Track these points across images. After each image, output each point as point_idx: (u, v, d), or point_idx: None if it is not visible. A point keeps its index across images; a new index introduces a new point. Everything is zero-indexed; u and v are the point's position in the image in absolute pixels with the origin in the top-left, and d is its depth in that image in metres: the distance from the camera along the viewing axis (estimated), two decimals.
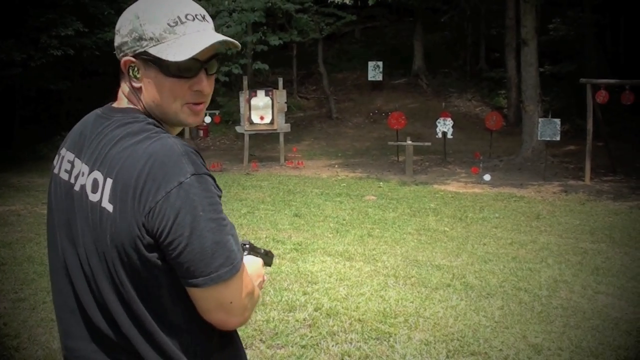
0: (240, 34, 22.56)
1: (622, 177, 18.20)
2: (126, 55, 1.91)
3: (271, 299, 6.63)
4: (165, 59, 1.84)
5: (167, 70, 1.87)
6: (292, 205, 12.76)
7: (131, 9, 1.92)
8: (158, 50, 1.86)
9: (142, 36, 1.87)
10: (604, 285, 8.01)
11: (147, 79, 1.90)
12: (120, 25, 1.92)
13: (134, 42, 1.88)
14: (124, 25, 1.91)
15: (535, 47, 20.64)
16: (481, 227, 11.50)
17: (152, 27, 1.87)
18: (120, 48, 1.92)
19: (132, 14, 1.90)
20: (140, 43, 1.88)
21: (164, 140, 1.80)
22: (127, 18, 1.91)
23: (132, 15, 1.90)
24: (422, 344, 5.59)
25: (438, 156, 20.81)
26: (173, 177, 1.72)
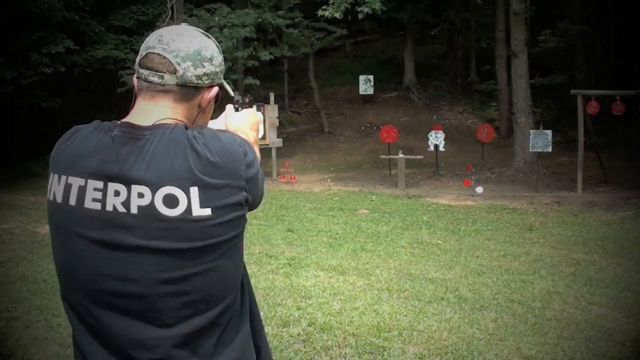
0: (231, 50, 22.57)
1: (614, 188, 18.25)
2: (214, 83, 2.13)
3: (265, 314, 6.61)
4: (230, 92, 2.30)
5: (217, 100, 2.19)
6: (285, 220, 12.76)
7: (210, 41, 2.13)
8: (225, 85, 2.24)
9: (223, 70, 2.16)
10: (597, 296, 8.02)
11: (210, 106, 2.18)
12: (211, 55, 2.09)
13: (221, 74, 2.15)
14: (214, 56, 2.10)
15: (525, 59, 20.74)
16: (474, 240, 11.51)
17: (224, 64, 2.17)
18: (209, 76, 2.09)
19: (216, 46, 2.13)
20: (221, 75, 2.16)
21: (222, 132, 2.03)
22: (215, 49, 2.12)
23: (215, 47, 2.13)
24: (416, 358, 5.59)
25: (430, 169, 20.82)
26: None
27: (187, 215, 1.84)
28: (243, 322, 2.09)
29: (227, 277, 1.97)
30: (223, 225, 1.90)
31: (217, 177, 1.87)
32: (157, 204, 1.84)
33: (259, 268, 8.65)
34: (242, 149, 1.95)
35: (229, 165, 1.90)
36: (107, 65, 21.52)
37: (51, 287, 7.64)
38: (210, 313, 1.93)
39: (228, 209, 1.90)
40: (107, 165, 1.88)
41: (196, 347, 1.93)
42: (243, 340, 2.07)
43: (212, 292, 1.93)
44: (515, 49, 20.88)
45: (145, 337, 1.89)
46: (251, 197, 2.00)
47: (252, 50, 23.59)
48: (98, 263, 1.89)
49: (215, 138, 1.92)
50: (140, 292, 1.87)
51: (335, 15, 22.08)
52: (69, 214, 1.92)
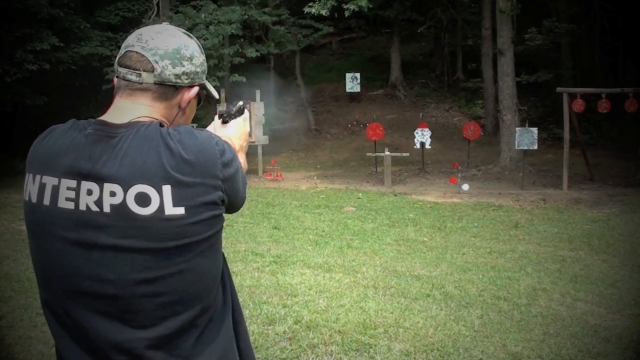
0: (217, 47, 22.52)
1: (600, 185, 18.34)
2: (194, 83, 2.10)
3: (250, 313, 6.58)
4: (213, 95, 2.24)
5: (199, 101, 2.20)
6: (271, 218, 12.73)
7: (191, 40, 2.11)
8: (208, 86, 2.21)
9: (205, 71, 2.15)
10: (583, 292, 8.04)
11: (191, 107, 2.15)
12: (191, 54, 2.08)
13: (202, 74, 2.13)
14: (195, 55, 2.09)
15: (511, 57, 20.78)
16: (460, 237, 11.52)
17: (206, 65, 2.17)
18: (189, 75, 2.06)
19: (197, 46, 2.12)
20: (203, 76, 2.14)
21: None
22: (195, 49, 2.10)
23: (197, 47, 2.12)
24: (403, 355, 5.57)
25: (416, 166, 20.86)
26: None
27: (160, 214, 1.81)
28: (224, 323, 2.06)
29: (203, 277, 1.94)
30: (197, 225, 1.86)
31: (190, 175, 1.83)
32: (129, 203, 1.82)
33: (245, 266, 8.61)
34: (218, 148, 1.91)
35: (204, 163, 1.86)
36: (93, 62, 21.39)
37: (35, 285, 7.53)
38: (187, 314, 1.90)
39: (202, 208, 1.86)
40: (79, 164, 1.86)
41: (174, 348, 1.90)
42: (225, 342, 2.04)
43: (188, 293, 1.90)
44: (502, 46, 20.92)
45: (121, 338, 1.87)
46: (228, 197, 1.96)
47: (238, 47, 23.54)
48: (73, 263, 1.86)
49: (190, 135, 1.89)
50: (115, 292, 1.85)
51: (322, 12, 22.08)
52: (44, 214, 1.89)
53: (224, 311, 2.06)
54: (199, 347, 1.95)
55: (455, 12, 29.10)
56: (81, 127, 1.93)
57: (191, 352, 1.93)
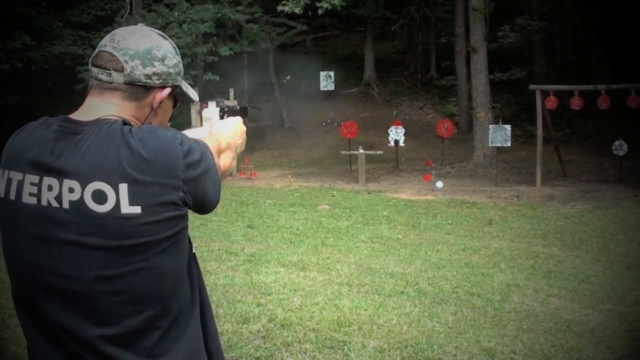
0: (191, 45, 22.46)
1: (573, 182, 18.47)
2: (167, 84, 2.09)
3: (224, 311, 6.55)
4: (191, 96, 2.24)
5: (175, 103, 2.21)
6: (245, 217, 12.70)
7: (165, 41, 2.11)
8: (185, 88, 2.21)
9: (180, 72, 2.15)
10: (556, 288, 8.08)
11: (165, 108, 2.14)
12: (163, 55, 2.07)
13: (175, 75, 2.12)
14: (168, 56, 2.08)
15: (484, 55, 20.87)
16: (434, 234, 11.55)
17: (182, 66, 2.17)
18: (160, 76, 2.05)
19: (172, 48, 2.12)
20: (177, 77, 2.13)
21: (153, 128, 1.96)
22: (169, 50, 2.10)
23: (171, 48, 2.12)
24: (377, 352, 5.57)
25: (390, 164, 20.90)
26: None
27: (116, 212, 1.80)
28: (191, 324, 2.04)
29: (163, 277, 1.91)
30: (154, 224, 1.84)
31: (147, 173, 1.81)
32: (86, 199, 1.81)
33: (219, 265, 8.58)
34: (182, 148, 1.88)
35: (163, 162, 1.84)
36: (65, 62, 21.29)
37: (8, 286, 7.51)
38: (146, 314, 1.89)
39: (159, 207, 1.84)
40: (42, 159, 1.86)
41: (136, 347, 1.89)
42: (191, 343, 2.03)
43: (147, 292, 1.88)
44: (475, 44, 21.00)
45: (85, 334, 1.86)
46: (193, 199, 1.93)
47: (211, 46, 23.49)
48: (37, 258, 1.86)
49: (152, 134, 1.87)
50: (76, 289, 1.84)
51: (295, 10, 22.04)
52: (11, 208, 1.89)
53: (191, 312, 2.04)
54: (163, 347, 1.93)
55: (428, 10, 29.18)
56: (49, 124, 1.93)
57: (154, 351, 1.92)
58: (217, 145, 2.15)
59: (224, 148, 2.21)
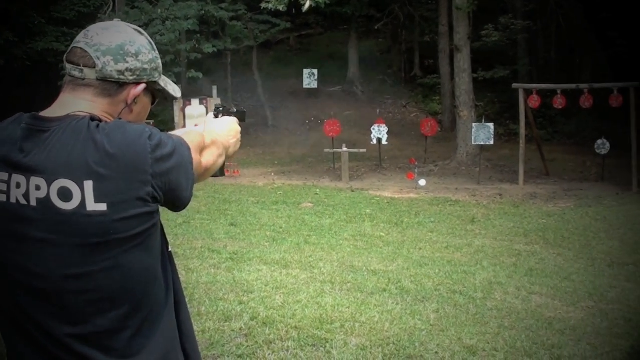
0: (174, 42, 22.40)
1: (555, 180, 18.55)
2: (142, 80, 2.05)
3: (207, 309, 6.54)
4: (170, 93, 2.20)
5: (154, 100, 2.18)
6: (228, 215, 12.66)
7: (140, 37, 2.08)
8: (164, 84, 2.17)
9: (157, 68, 2.11)
10: (538, 285, 8.11)
11: (141, 104, 2.10)
12: (137, 51, 2.04)
13: (152, 71, 2.08)
14: (142, 52, 2.05)
15: (468, 53, 20.91)
16: (417, 232, 11.56)
17: (160, 62, 2.14)
18: (133, 72, 2.02)
19: (148, 44, 2.09)
20: (153, 73, 2.09)
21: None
22: (143, 46, 2.07)
23: (147, 44, 2.09)
24: (359, 349, 5.57)
25: (374, 162, 20.91)
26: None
27: (82, 209, 1.79)
28: (165, 324, 2.01)
29: (133, 276, 1.89)
30: (121, 222, 1.81)
31: (113, 169, 1.79)
32: (52, 197, 1.80)
33: (201, 263, 8.55)
34: (151, 142, 1.85)
35: (129, 157, 1.81)
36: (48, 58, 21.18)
37: None
38: (116, 313, 1.88)
39: (126, 204, 1.81)
40: (11, 157, 1.85)
41: (107, 346, 1.88)
42: (165, 344, 2.01)
43: (116, 291, 1.87)
44: (458, 43, 21.04)
45: (59, 334, 1.85)
46: (165, 194, 1.90)
47: (195, 43, 23.45)
48: (8, 256, 1.85)
49: (119, 129, 1.85)
50: (45, 287, 1.83)
51: (279, 7, 22.02)
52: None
53: (165, 312, 2.02)
54: (135, 346, 1.92)
55: (412, 8, 29.21)
56: (20, 121, 1.92)
57: (126, 351, 1.90)
58: (199, 141, 2.13)
59: (207, 145, 2.19)
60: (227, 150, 2.44)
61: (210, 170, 2.22)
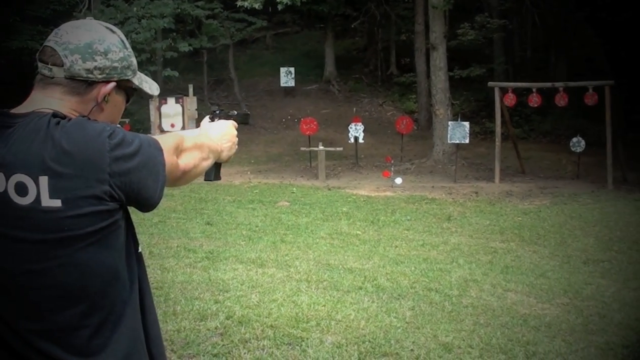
0: (150, 41, 22.32)
1: (531, 178, 18.64)
2: (112, 78, 2.03)
3: (182, 309, 6.51)
4: (146, 90, 2.18)
5: (128, 98, 2.15)
6: (204, 214, 12.61)
7: (111, 35, 2.06)
8: (138, 82, 2.15)
9: (130, 66, 2.09)
10: (513, 283, 8.15)
11: (113, 103, 2.08)
12: (106, 49, 2.02)
13: (122, 70, 2.06)
14: (112, 50, 2.03)
15: (444, 52, 20.94)
16: (393, 230, 11.58)
17: (134, 60, 2.12)
18: (102, 70, 2.01)
19: (119, 42, 2.07)
20: (126, 71, 2.08)
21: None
22: (114, 44, 2.05)
23: (118, 42, 2.07)
24: (334, 347, 5.57)
25: (350, 161, 20.91)
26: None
27: (37, 205, 1.79)
28: (127, 325, 1.99)
29: (90, 274, 1.88)
30: (76, 219, 1.81)
31: (68, 166, 1.79)
32: (9, 192, 1.81)
33: (177, 262, 8.51)
34: (110, 141, 1.84)
35: (86, 155, 1.80)
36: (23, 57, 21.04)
37: None
38: (75, 310, 1.87)
39: (81, 201, 1.80)
40: None
41: (67, 344, 1.88)
42: (128, 345, 1.99)
43: (74, 288, 1.86)
44: (434, 41, 21.06)
45: (21, 328, 1.86)
46: (123, 193, 1.87)
47: (171, 42, 23.38)
48: None
49: (79, 126, 1.85)
50: (6, 282, 1.84)
51: (255, 6, 21.99)
52: None
53: (128, 313, 2.00)
54: (95, 346, 1.91)
55: (388, 7, 29.23)
56: None
57: (86, 350, 1.90)
58: (177, 142, 2.11)
59: (188, 147, 2.16)
60: (219, 155, 2.43)
61: (191, 173, 2.19)
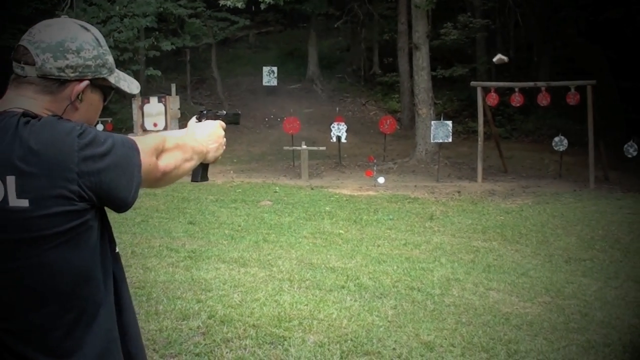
0: (132, 40, 22.25)
1: (513, 177, 18.71)
2: (85, 77, 2.01)
3: (164, 308, 6.48)
4: (123, 89, 2.15)
5: (105, 97, 2.12)
6: (187, 213, 12.58)
7: (85, 34, 2.04)
8: (115, 80, 2.12)
9: (105, 64, 2.07)
10: (496, 282, 8.17)
11: (89, 101, 2.05)
12: (79, 47, 2.00)
13: (97, 68, 2.04)
14: (85, 48, 2.01)
15: (427, 52, 20.98)
16: (375, 229, 11.58)
17: (110, 58, 2.10)
18: (74, 68, 1.99)
19: (92, 39, 2.04)
20: (101, 70, 2.05)
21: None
22: (87, 42, 2.02)
23: (92, 40, 2.04)
24: (317, 346, 5.56)
25: (333, 160, 20.91)
26: None
27: (4, 205, 1.79)
28: (101, 326, 1.98)
29: (60, 274, 1.87)
30: (44, 219, 1.80)
31: (35, 165, 1.78)
32: None
33: (159, 261, 8.48)
34: (80, 140, 1.83)
35: (53, 154, 1.79)
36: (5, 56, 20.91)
37: None
38: (45, 310, 1.87)
39: (49, 201, 1.79)
40: None
41: (41, 346, 1.88)
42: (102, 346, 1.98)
43: (43, 289, 1.86)
44: (417, 41, 21.10)
45: None
46: (93, 193, 1.86)
47: (153, 40, 23.31)
48: None
49: (48, 126, 1.84)
50: None
51: (238, 4, 21.94)
52: None
53: (102, 313, 1.98)
54: (68, 347, 1.90)
55: (371, 7, 29.25)
56: None
57: (59, 351, 1.89)
58: (157, 143, 2.09)
59: (169, 148, 2.15)
60: (205, 155, 2.42)
61: (172, 174, 2.17)
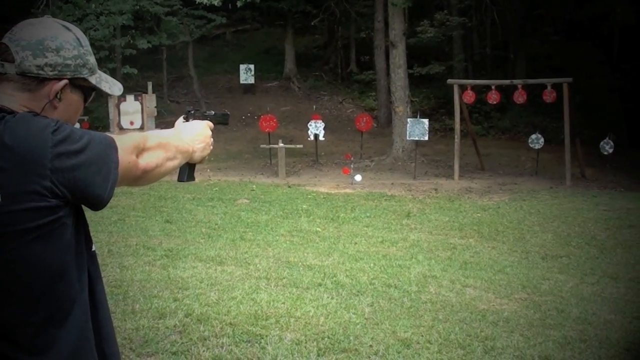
0: (108, 38, 22.12)
1: (490, 174, 18.80)
2: (64, 76, 2.01)
3: (141, 307, 6.45)
4: (104, 90, 2.15)
5: (86, 98, 2.12)
6: (163, 212, 12.54)
7: (66, 33, 2.05)
8: (96, 81, 2.12)
9: (85, 64, 2.07)
10: (472, 278, 8.20)
11: (68, 101, 2.05)
12: (58, 46, 2.00)
13: (76, 67, 2.04)
14: (65, 47, 2.01)
15: (403, 49, 21.01)
16: (352, 227, 11.60)
17: (91, 59, 2.10)
18: (53, 67, 1.99)
19: (73, 39, 2.05)
20: (81, 70, 2.06)
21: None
22: (67, 41, 2.03)
23: (72, 40, 2.05)
24: (294, 344, 5.56)
25: (310, 158, 20.92)
26: None
27: None
28: (74, 324, 1.97)
29: (31, 271, 1.87)
30: (15, 214, 1.80)
31: (8, 161, 1.79)
32: None
33: (136, 260, 8.44)
34: (54, 137, 1.83)
35: (26, 150, 1.80)
36: None
37: None
38: (17, 307, 1.87)
39: (21, 197, 1.79)
40: None
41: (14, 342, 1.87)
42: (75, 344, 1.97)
43: (15, 285, 1.85)
44: (394, 39, 21.13)
45: None
46: (67, 190, 1.85)
47: (129, 39, 23.18)
48: None
49: (22, 122, 1.84)
50: None
51: (214, 2, 21.84)
52: None
53: (76, 311, 1.98)
54: (40, 344, 1.90)
55: (348, 5, 29.24)
56: None
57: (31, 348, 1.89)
58: (137, 141, 2.08)
59: (150, 147, 2.13)
60: (190, 155, 2.42)
61: (154, 172, 2.16)
